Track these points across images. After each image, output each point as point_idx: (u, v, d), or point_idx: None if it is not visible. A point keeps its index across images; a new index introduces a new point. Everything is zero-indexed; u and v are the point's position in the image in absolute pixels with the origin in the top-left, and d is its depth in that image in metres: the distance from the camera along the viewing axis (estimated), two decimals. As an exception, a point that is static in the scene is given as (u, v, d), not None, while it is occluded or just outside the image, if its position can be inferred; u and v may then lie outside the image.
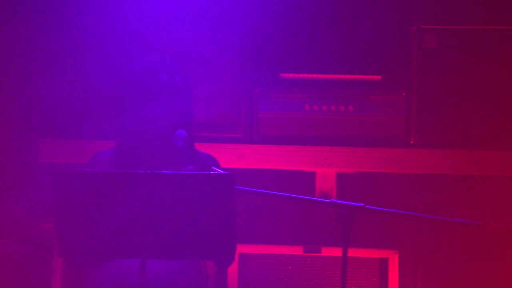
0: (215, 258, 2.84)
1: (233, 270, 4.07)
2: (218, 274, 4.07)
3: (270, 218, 4.17)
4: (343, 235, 2.76)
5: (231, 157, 4.14)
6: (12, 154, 4.18)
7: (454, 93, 4.14)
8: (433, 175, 4.18)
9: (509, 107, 4.11)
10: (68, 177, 2.57)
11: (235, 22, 4.23)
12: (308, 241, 4.11)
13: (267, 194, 2.89)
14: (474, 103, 4.13)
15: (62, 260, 4.03)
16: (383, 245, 4.09)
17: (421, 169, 4.16)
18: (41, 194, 4.12)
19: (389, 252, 4.09)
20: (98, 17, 4.19)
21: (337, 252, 4.05)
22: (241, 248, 4.07)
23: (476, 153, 4.14)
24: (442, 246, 4.07)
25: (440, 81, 4.15)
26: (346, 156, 4.18)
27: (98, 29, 4.18)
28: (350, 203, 2.78)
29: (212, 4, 4.25)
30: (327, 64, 4.26)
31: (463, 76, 4.14)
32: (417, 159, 4.16)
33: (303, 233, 4.12)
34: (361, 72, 4.24)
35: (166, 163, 3.04)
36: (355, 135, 4.18)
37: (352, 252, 3.88)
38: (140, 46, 4.13)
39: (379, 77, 4.23)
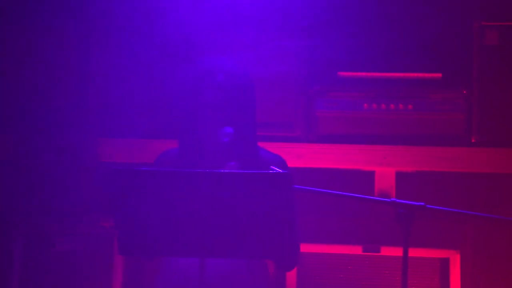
0: (273, 257, 2.84)
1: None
2: (277, 273, 4.06)
3: (329, 218, 4.16)
4: (403, 234, 2.73)
5: (288, 156, 4.12)
6: (74, 154, 4.24)
7: (516, 91, 4.08)
8: (495, 174, 4.11)
9: None
10: (127, 176, 2.60)
11: (293, 22, 4.22)
12: (367, 241, 4.08)
13: (325, 193, 2.87)
14: (536, 101, 4.07)
15: (123, 258, 4.08)
16: (444, 245, 4.04)
17: (482, 168, 4.10)
18: (102, 192, 4.18)
19: (451, 252, 4.03)
20: (160, 19, 4.23)
21: (396, 251, 4.02)
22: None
23: (540, 151, 4.07)
24: (505, 246, 4.00)
25: (502, 79, 4.09)
26: (405, 155, 4.14)
27: (160, 32, 4.22)
28: (410, 202, 2.75)
29: (269, 5, 4.25)
30: (386, 62, 4.23)
31: (525, 73, 4.08)
32: (478, 158, 4.10)
33: (362, 232, 4.10)
34: (421, 70, 4.19)
35: (214, 160, 3.05)
36: (415, 134, 4.14)
37: (412, 252, 3.84)
38: (200, 49, 4.15)
39: (440, 74, 4.18)
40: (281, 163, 3.15)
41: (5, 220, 4.13)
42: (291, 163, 4.10)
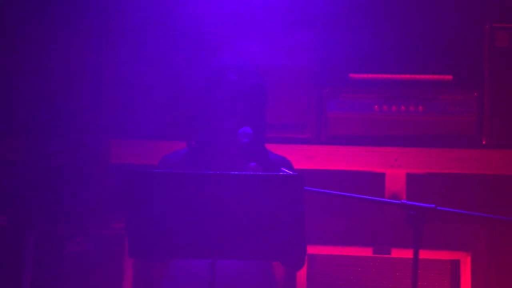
0: (283, 259, 2.84)
1: (301, 272, 4.06)
2: (287, 275, 4.06)
3: (339, 219, 4.15)
4: (414, 236, 2.72)
5: (299, 157, 4.13)
6: (85, 155, 4.25)
7: (528, 92, 4.07)
8: (506, 176, 4.10)
9: None
10: (140, 177, 2.61)
11: (304, 23, 4.22)
12: (378, 242, 4.07)
13: (336, 195, 2.87)
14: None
15: (133, 260, 4.09)
16: (454, 246, 4.03)
17: (493, 169, 4.09)
18: (112, 194, 4.19)
19: (461, 254, 4.02)
20: (171, 20, 4.23)
21: (407, 253, 4.01)
22: (309, 249, 4.04)
23: (551, 153, 4.05)
24: (515, 248, 4.00)
25: (513, 80, 4.08)
26: (416, 157, 4.13)
27: (171, 31, 4.22)
28: (420, 204, 2.74)
29: (281, 5, 4.25)
30: (397, 64, 4.22)
31: (536, 74, 4.06)
32: (489, 160, 4.09)
33: (372, 234, 4.09)
34: (431, 72, 4.18)
35: (231, 161, 3.05)
36: (425, 136, 4.13)
37: (423, 254, 3.83)
38: (212, 48, 4.16)
39: (450, 76, 4.17)
40: (288, 164, 3.16)
41: (17, 221, 4.14)
42: (301, 165, 4.11)
